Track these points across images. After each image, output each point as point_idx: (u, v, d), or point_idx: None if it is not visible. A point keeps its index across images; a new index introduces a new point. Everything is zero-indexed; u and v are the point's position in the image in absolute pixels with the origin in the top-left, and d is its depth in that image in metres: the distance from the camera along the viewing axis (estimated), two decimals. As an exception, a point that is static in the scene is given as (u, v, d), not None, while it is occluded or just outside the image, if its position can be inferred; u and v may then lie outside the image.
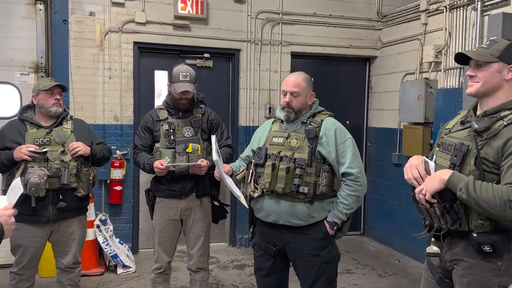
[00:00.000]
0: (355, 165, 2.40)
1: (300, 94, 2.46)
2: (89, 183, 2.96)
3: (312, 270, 2.44)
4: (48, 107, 2.92)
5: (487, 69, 1.85)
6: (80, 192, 2.91)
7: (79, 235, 3.05)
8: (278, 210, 2.42)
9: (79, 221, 3.04)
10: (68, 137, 2.93)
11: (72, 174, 2.86)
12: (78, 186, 2.90)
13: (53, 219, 2.87)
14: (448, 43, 4.36)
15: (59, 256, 3.06)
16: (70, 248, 3.01)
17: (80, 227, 3.05)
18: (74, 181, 2.87)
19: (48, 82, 2.97)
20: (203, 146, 3.02)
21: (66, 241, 3.00)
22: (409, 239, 4.79)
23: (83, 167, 2.92)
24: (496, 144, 1.76)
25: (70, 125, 2.99)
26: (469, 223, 1.79)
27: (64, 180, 2.82)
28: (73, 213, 2.97)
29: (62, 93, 3.03)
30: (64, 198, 2.86)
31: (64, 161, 2.85)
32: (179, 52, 4.96)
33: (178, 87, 2.94)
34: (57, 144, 2.89)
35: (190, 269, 3.13)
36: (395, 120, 5.12)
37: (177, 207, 3.02)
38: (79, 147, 2.86)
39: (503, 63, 1.84)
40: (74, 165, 2.87)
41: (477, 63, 1.87)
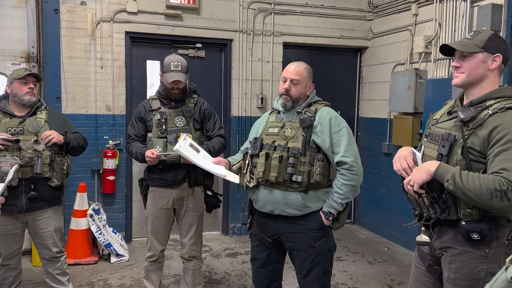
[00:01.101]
0: (350, 154, 2.39)
1: (300, 83, 2.46)
2: (63, 173, 2.95)
3: (307, 260, 2.45)
4: (21, 95, 2.90)
5: (471, 59, 1.88)
6: (53, 182, 2.90)
7: (55, 226, 3.04)
8: (273, 199, 2.43)
9: (53, 211, 3.03)
10: (42, 126, 2.92)
11: (45, 163, 2.85)
12: (52, 176, 2.89)
13: (26, 209, 2.87)
14: (438, 34, 4.41)
15: (40, 248, 3.07)
16: (47, 240, 3.02)
17: (54, 217, 3.04)
18: (47, 171, 2.86)
19: (22, 72, 2.96)
20: (195, 136, 3.03)
21: (42, 233, 3.00)
22: (398, 227, 4.88)
23: (57, 156, 2.91)
24: (482, 134, 1.78)
25: (44, 115, 2.99)
26: (457, 212, 1.83)
27: (37, 169, 2.81)
28: (47, 204, 2.97)
29: (37, 83, 3.02)
30: (37, 188, 2.86)
31: (37, 150, 2.84)
32: (171, 42, 4.95)
33: (170, 77, 2.95)
34: (30, 133, 2.88)
35: (183, 257, 3.17)
36: (385, 110, 5.18)
37: (170, 196, 3.05)
38: (51, 135, 2.85)
39: (487, 53, 1.86)
40: (47, 154, 2.86)
41: (462, 54, 1.90)
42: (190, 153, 2.61)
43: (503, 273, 0.86)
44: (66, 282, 3.21)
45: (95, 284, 3.79)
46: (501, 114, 1.78)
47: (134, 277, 3.93)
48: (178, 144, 2.59)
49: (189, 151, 2.62)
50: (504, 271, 0.86)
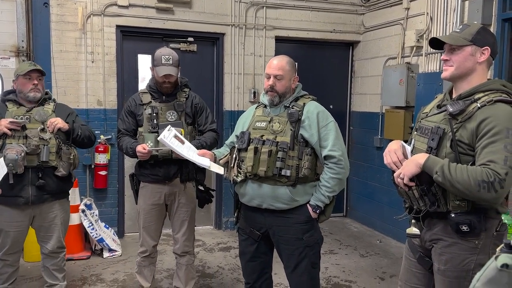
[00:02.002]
0: (337, 148, 2.40)
1: (284, 77, 2.45)
2: (69, 163, 2.95)
3: (295, 253, 2.47)
4: (26, 92, 2.91)
5: (460, 52, 1.88)
6: (60, 171, 2.89)
7: (62, 220, 3.05)
8: (261, 194, 2.43)
9: (60, 205, 3.04)
10: (49, 115, 2.92)
11: (51, 152, 2.84)
12: (58, 165, 2.88)
13: (33, 200, 2.86)
14: (430, 28, 4.42)
15: (43, 241, 3.07)
16: (53, 233, 3.02)
17: (62, 211, 3.05)
18: (54, 159, 2.86)
19: (26, 67, 2.95)
20: (187, 131, 3.00)
21: (48, 226, 3.00)
22: (390, 220, 4.92)
23: (63, 146, 2.91)
24: (471, 126, 1.80)
25: (52, 106, 2.99)
26: (447, 204, 1.85)
27: (43, 157, 2.81)
28: (54, 196, 2.96)
29: (42, 77, 3.00)
30: (43, 177, 2.85)
31: (44, 138, 2.84)
32: (163, 36, 4.92)
33: (161, 71, 2.91)
34: (37, 121, 2.88)
35: (176, 253, 3.16)
36: (377, 104, 5.20)
37: (161, 192, 3.03)
38: (56, 121, 2.85)
39: (476, 46, 1.87)
40: (54, 143, 2.86)
41: (451, 47, 1.91)
42: (175, 143, 2.61)
43: (493, 261, 0.88)
44: (61, 278, 3.21)
45: (87, 279, 3.78)
46: (489, 107, 1.80)
47: (127, 272, 3.93)
48: (162, 134, 2.59)
49: (174, 142, 2.62)
50: (494, 259, 0.87)
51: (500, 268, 0.85)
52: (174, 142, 2.61)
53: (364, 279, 3.89)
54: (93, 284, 3.68)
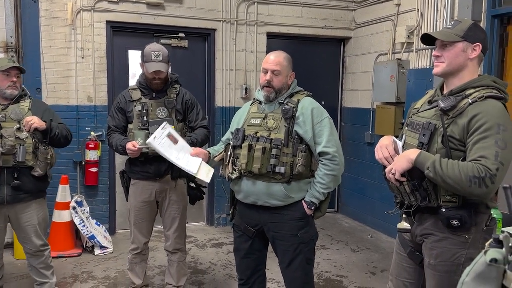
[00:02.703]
0: (331, 144, 2.39)
1: (281, 73, 2.43)
2: (46, 162, 2.90)
3: (290, 249, 2.47)
4: (2, 88, 2.86)
5: (452, 48, 1.89)
6: (37, 171, 2.85)
7: (40, 219, 3.01)
8: (256, 191, 2.42)
9: (37, 204, 2.99)
10: (25, 114, 2.87)
11: (28, 151, 2.80)
12: (35, 165, 2.84)
13: (8, 200, 2.83)
14: (420, 24, 4.45)
15: (24, 242, 3.03)
16: (30, 234, 2.98)
17: (39, 210, 3.01)
18: (30, 159, 2.82)
19: (6, 63, 2.90)
20: (178, 127, 2.97)
21: (25, 227, 2.96)
22: (381, 215, 4.95)
23: (40, 145, 2.87)
24: (462, 122, 1.81)
25: (28, 103, 2.94)
26: (438, 199, 1.87)
27: (19, 157, 2.77)
28: (30, 196, 2.92)
29: (20, 74, 2.96)
30: (20, 178, 2.82)
31: (20, 138, 2.79)
32: (153, 31, 4.89)
33: (150, 67, 2.88)
34: (13, 120, 2.83)
35: (167, 250, 3.15)
36: (368, 100, 5.22)
37: (152, 189, 3.00)
38: (32, 120, 2.80)
39: (467, 42, 1.88)
40: (30, 142, 2.81)
41: (443, 43, 1.92)
42: (164, 146, 2.57)
43: (482, 256, 0.89)
44: (50, 275, 3.19)
45: (79, 276, 3.76)
46: (480, 103, 1.81)
47: (118, 269, 3.92)
48: (152, 136, 2.55)
49: (164, 144, 2.57)
50: (483, 254, 0.88)
51: (489, 262, 0.86)
52: (165, 142, 2.57)
53: (355, 274, 3.92)
54: (85, 281, 3.67)
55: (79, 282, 3.65)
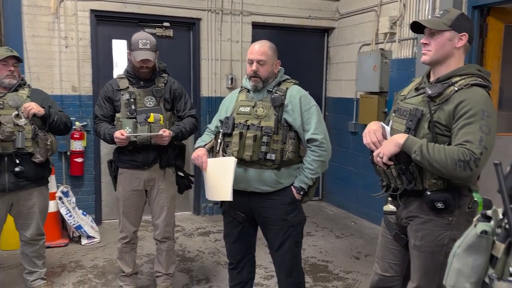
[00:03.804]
0: (319, 131, 2.46)
1: (266, 63, 2.47)
2: (46, 149, 2.92)
3: (280, 233, 2.53)
4: (1, 78, 2.86)
5: (439, 37, 1.96)
6: (37, 157, 2.87)
7: (41, 207, 3.04)
8: (247, 178, 2.47)
9: (39, 192, 3.02)
10: (23, 101, 2.88)
11: (27, 138, 2.81)
12: (35, 151, 2.86)
13: (10, 187, 2.84)
14: (403, 15, 4.53)
15: (22, 228, 3.04)
16: (31, 221, 3.01)
17: (41, 198, 3.03)
18: (30, 146, 2.83)
19: (3, 52, 2.90)
20: (166, 116, 2.98)
21: (27, 213, 2.98)
22: (364, 203, 5.06)
23: (40, 131, 2.88)
24: (448, 108, 1.89)
25: (27, 91, 2.96)
26: (423, 182, 1.95)
27: (18, 143, 2.78)
28: (32, 183, 2.94)
29: (18, 64, 2.97)
30: (21, 165, 2.83)
31: (19, 124, 2.80)
32: (138, 20, 4.86)
33: (138, 55, 2.87)
34: (11, 107, 2.84)
35: (156, 239, 3.16)
36: (352, 90, 5.30)
37: (140, 178, 3.01)
38: (30, 106, 2.81)
39: (454, 31, 1.95)
40: (29, 129, 2.83)
41: (431, 31, 1.98)
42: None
43: (472, 229, 0.96)
44: (41, 265, 3.20)
45: (67, 266, 3.77)
46: (466, 90, 1.89)
47: (106, 258, 3.93)
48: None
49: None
50: (474, 227, 0.95)
51: (479, 234, 0.93)
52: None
53: (340, 259, 4.02)
54: (73, 271, 3.67)
55: (67, 272, 3.65)
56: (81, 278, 3.55)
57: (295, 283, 2.63)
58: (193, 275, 3.65)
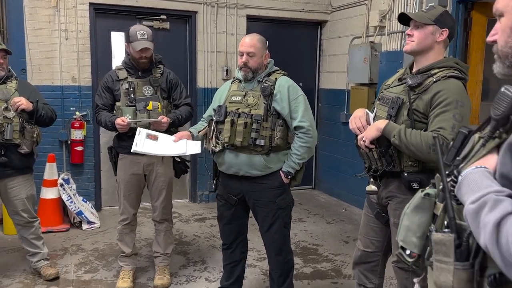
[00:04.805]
0: (306, 119, 2.62)
1: (255, 54, 2.62)
2: (32, 141, 3.08)
3: (269, 215, 2.71)
4: None
5: (423, 30, 2.13)
6: (23, 149, 3.03)
7: (26, 194, 3.19)
8: (238, 162, 2.64)
9: (24, 180, 3.16)
10: (12, 94, 3.02)
11: (15, 130, 2.96)
12: (22, 143, 3.01)
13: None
14: (392, 8, 4.68)
15: (13, 215, 3.21)
16: (19, 207, 3.17)
17: (26, 185, 3.18)
18: (17, 137, 2.98)
19: None
20: (163, 104, 3.15)
21: (14, 200, 3.14)
22: (354, 190, 5.24)
23: (27, 124, 3.03)
24: (426, 98, 2.06)
25: (14, 84, 3.09)
26: (401, 164, 2.13)
27: (6, 135, 2.93)
28: (17, 172, 3.10)
29: (7, 56, 3.10)
30: (7, 155, 2.98)
31: (8, 117, 2.94)
32: (136, 13, 4.99)
33: (137, 45, 3.01)
34: (0, 100, 2.98)
35: (155, 220, 3.34)
36: (343, 82, 5.47)
37: (140, 163, 3.17)
38: (20, 101, 2.95)
39: (437, 26, 2.12)
40: (17, 121, 2.97)
41: (416, 24, 2.15)
42: (149, 147, 2.77)
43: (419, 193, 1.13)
44: (41, 246, 3.37)
45: (68, 249, 3.93)
46: (443, 81, 2.07)
47: (106, 242, 4.10)
48: (134, 143, 2.74)
49: (148, 145, 2.77)
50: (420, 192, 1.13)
51: (423, 196, 1.11)
52: (147, 144, 2.77)
53: (330, 243, 4.21)
54: (74, 253, 3.84)
55: (69, 254, 3.82)
56: (82, 260, 3.72)
57: (284, 261, 2.81)
58: (189, 257, 3.83)
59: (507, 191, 0.86)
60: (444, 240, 0.94)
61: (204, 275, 3.49)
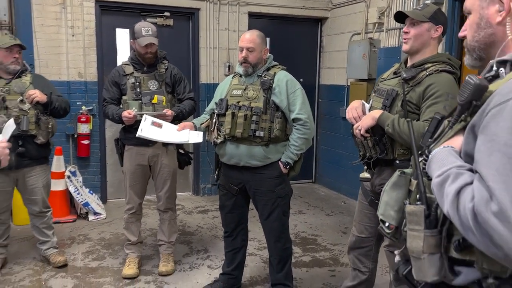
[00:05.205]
0: (303, 111, 2.75)
1: (255, 49, 2.75)
2: (48, 131, 3.23)
3: (268, 203, 2.84)
4: (6, 64, 3.13)
5: (419, 27, 2.25)
6: (39, 139, 3.17)
7: (43, 182, 3.34)
8: (239, 153, 2.77)
9: (41, 169, 3.32)
10: (27, 87, 3.16)
11: (31, 121, 3.11)
12: (38, 134, 3.16)
13: (15, 165, 3.10)
14: (390, 6, 4.79)
15: (29, 203, 3.36)
16: (36, 196, 3.31)
17: (42, 175, 3.33)
18: (33, 128, 3.13)
19: (8, 40, 3.16)
20: (168, 98, 3.29)
21: (31, 189, 3.29)
22: (353, 183, 5.35)
23: (42, 116, 3.17)
24: (419, 90, 2.19)
25: (29, 77, 3.24)
26: (393, 152, 2.26)
27: (23, 126, 3.06)
28: (34, 162, 3.24)
29: (21, 51, 3.23)
30: (23, 145, 3.12)
31: (23, 109, 3.09)
32: (140, 10, 5.11)
33: (143, 41, 3.14)
34: (16, 93, 3.12)
35: (159, 209, 3.47)
36: (343, 77, 5.57)
37: (145, 154, 3.30)
38: (35, 94, 3.09)
39: (432, 23, 2.24)
40: (33, 113, 3.12)
41: (412, 21, 2.27)
42: (153, 133, 2.91)
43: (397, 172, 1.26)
44: (51, 235, 3.52)
45: (76, 238, 4.08)
46: (436, 75, 2.20)
47: (112, 232, 4.24)
48: (139, 129, 2.87)
49: (152, 131, 2.91)
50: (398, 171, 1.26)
51: (399, 174, 1.23)
52: (152, 131, 2.91)
53: (329, 234, 4.34)
54: (82, 243, 3.99)
55: (77, 243, 3.97)
56: (89, 248, 3.86)
57: (283, 248, 2.94)
58: (192, 246, 3.97)
59: (468, 166, 0.98)
60: (415, 211, 1.06)
61: (206, 263, 3.63)
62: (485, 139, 0.93)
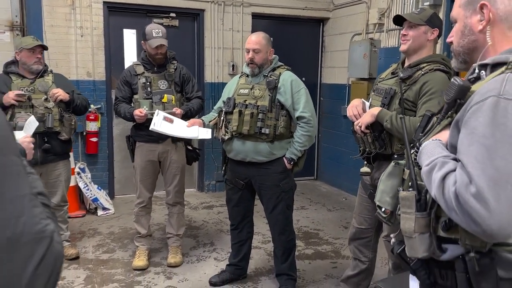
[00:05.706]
0: (307, 110, 2.89)
1: (261, 51, 2.89)
2: (71, 128, 3.39)
3: (273, 197, 2.98)
4: (30, 64, 3.28)
5: (416, 30, 2.39)
6: (63, 136, 3.33)
7: (65, 177, 3.50)
8: (245, 149, 2.92)
9: (64, 164, 3.48)
10: (50, 86, 3.32)
11: (55, 119, 3.26)
12: (61, 130, 3.31)
13: (40, 161, 3.26)
14: (390, 7, 4.92)
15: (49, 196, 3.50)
16: (57, 189, 3.46)
17: (65, 170, 3.49)
18: (57, 125, 3.28)
19: (31, 41, 3.30)
20: (177, 97, 3.44)
21: (54, 182, 3.43)
22: (354, 180, 5.45)
23: (65, 113, 3.33)
24: (415, 88, 2.33)
25: (51, 77, 3.39)
26: (392, 147, 2.40)
27: (48, 123, 3.22)
28: (58, 157, 3.40)
29: (43, 51, 3.39)
30: (49, 141, 3.28)
31: (48, 107, 3.24)
32: (147, 11, 5.25)
33: (154, 43, 3.29)
34: (41, 92, 3.27)
35: (168, 203, 3.62)
36: (344, 77, 5.71)
37: (155, 150, 3.45)
38: (58, 93, 3.25)
39: (429, 26, 2.38)
40: (57, 111, 3.27)
41: (410, 24, 2.41)
42: (165, 127, 3.05)
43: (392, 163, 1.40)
44: (65, 229, 3.66)
45: (86, 232, 4.22)
46: (431, 73, 2.34)
47: (121, 226, 4.39)
48: (152, 123, 3.01)
49: (164, 125, 3.05)
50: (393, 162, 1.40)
51: (394, 165, 1.37)
52: (164, 126, 3.06)
53: (330, 228, 4.48)
54: (92, 236, 4.13)
55: (87, 237, 4.12)
56: (99, 242, 4.01)
57: (287, 240, 3.09)
58: (199, 240, 4.11)
59: (452, 156, 1.13)
60: (408, 196, 1.21)
61: (213, 255, 3.77)
62: (466, 132, 1.07)
